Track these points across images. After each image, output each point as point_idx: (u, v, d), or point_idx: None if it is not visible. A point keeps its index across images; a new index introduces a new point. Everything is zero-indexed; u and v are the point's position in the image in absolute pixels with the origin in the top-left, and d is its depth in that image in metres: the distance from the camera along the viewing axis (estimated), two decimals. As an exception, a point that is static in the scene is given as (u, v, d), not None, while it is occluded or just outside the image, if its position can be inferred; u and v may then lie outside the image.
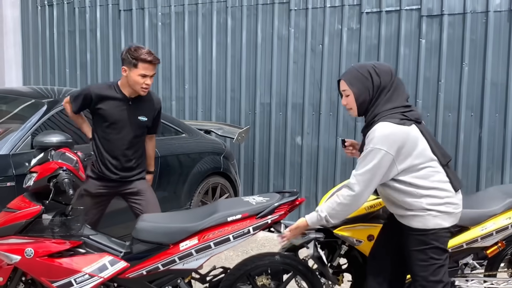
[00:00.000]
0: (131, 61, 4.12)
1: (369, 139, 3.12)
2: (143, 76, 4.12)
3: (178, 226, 3.43)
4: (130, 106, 4.26)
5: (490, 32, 5.97)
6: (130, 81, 4.16)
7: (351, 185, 3.20)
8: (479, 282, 4.23)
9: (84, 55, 8.62)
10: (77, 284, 3.29)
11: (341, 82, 3.32)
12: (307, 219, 3.34)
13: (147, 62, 4.11)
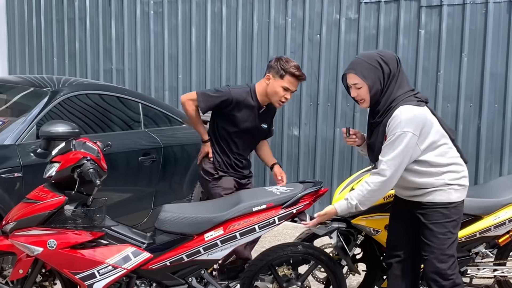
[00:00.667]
0: (279, 71, 4.08)
1: (395, 125, 3.18)
2: (286, 89, 4.09)
3: (203, 216, 3.39)
4: (260, 114, 4.25)
5: (490, 23, 6.00)
6: (271, 90, 4.12)
7: (382, 171, 3.23)
8: (490, 270, 4.27)
9: (73, 44, 8.46)
10: (100, 276, 3.23)
11: (350, 75, 3.33)
12: (337, 207, 3.35)
13: (295, 76, 4.07)
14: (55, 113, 4.67)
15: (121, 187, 5.03)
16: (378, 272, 4.17)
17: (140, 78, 7.98)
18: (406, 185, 3.38)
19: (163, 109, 5.76)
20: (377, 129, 3.33)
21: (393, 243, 3.59)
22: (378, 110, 3.31)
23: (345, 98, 6.73)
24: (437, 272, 3.34)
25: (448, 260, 3.35)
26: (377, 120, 3.32)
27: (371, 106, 3.37)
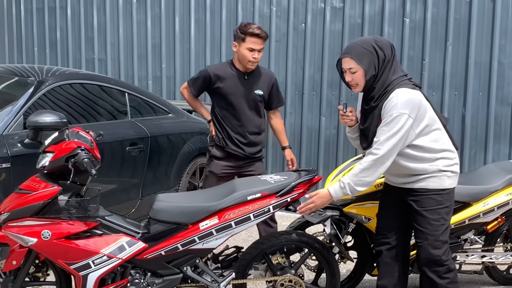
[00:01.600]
0: (240, 36, 4.33)
1: (390, 107, 3.21)
2: (251, 50, 4.29)
3: (198, 205, 3.37)
4: (246, 80, 4.44)
5: (474, 11, 6.05)
6: (240, 56, 4.36)
7: (375, 149, 3.24)
8: (478, 256, 4.34)
9: (54, 33, 8.35)
10: (95, 266, 3.21)
11: (346, 60, 3.34)
12: (330, 191, 3.33)
13: (255, 35, 4.29)
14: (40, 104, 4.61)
15: (109, 178, 4.98)
16: (369, 259, 4.21)
17: (123, 67, 7.91)
18: (399, 171, 3.40)
19: (149, 99, 5.71)
20: (372, 114, 3.34)
21: (382, 231, 3.62)
22: (373, 96, 3.32)
23: (330, 87, 6.75)
24: (431, 258, 3.37)
25: (442, 246, 3.38)
26: (372, 105, 3.33)
27: (365, 92, 3.38)
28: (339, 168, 4.22)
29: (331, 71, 6.73)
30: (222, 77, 4.42)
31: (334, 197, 3.33)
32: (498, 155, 6.05)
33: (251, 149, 4.51)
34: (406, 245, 3.64)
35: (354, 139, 3.62)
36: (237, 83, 4.42)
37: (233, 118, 4.46)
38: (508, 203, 4.20)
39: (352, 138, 3.65)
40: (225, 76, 4.42)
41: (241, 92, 4.42)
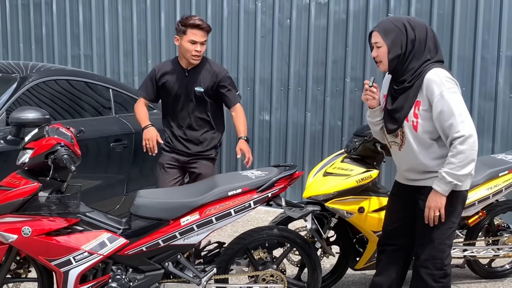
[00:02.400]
0: (180, 29, 4.19)
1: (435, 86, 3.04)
2: (193, 42, 4.15)
3: (179, 201, 3.38)
4: (187, 77, 4.30)
5: (457, 7, 6.08)
6: (182, 49, 4.21)
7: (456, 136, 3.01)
8: (460, 250, 4.38)
9: (39, 29, 8.31)
10: (76, 262, 3.21)
11: (374, 34, 3.19)
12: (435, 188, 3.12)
13: (195, 27, 4.13)
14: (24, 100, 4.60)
15: (93, 174, 4.99)
16: (351, 254, 4.24)
17: (109, 63, 7.89)
18: (416, 166, 3.24)
19: (134, 95, 5.70)
20: (405, 94, 3.16)
21: (390, 233, 3.51)
22: (405, 78, 3.15)
23: (315, 83, 6.77)
24: (432, 260, 3.27)
25: (447, 249, 3.29)
26: (406, 86, 3.15)
27: (395, 73, 3.21)
28: (320, 164, 4.25)
29: (316, 67, 6.75)
30: (165, 72, 4.34)
31: (442, 192, 3.11)
32: (481, 150, 6.07)
33: (195, 147, 4.37)
34: (411, 249, 3.55)
35: (375, 123, 3.41)
36: (179, 79, 4.30)
37: (175, 115, 4.36)
38: (489, 198, 4.24)
39: (372, 122, 3.42)
40: (169, 72, 4.33)
41: (182, 89, 4.30)
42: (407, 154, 3.25)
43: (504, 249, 4.49)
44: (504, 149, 5.92)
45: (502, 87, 6.00)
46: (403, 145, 3.25)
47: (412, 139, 3.18)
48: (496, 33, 5.97)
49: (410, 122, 3.16)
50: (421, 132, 3.15)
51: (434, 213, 3.17)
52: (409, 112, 3.15)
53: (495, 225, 4.54)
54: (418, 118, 3.13)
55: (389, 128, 3.28)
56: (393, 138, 3.32)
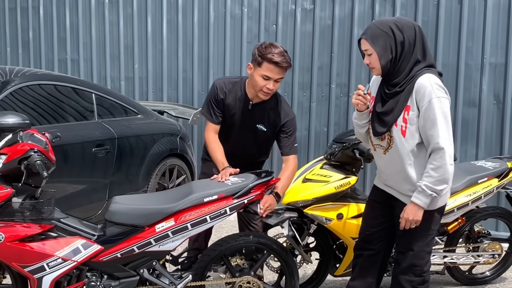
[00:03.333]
0: (256, 58, 3.62)
1: (425, 92, 3.02)
2: (265, 78, 3.62)
3: (154, 207, 3.37)
4: (250, 110, 3.82)
5: (442, 14, 6.11)
6: (252, 80, 3.69)
7: (437, 146, 3.03)
8: (439, 257, 4.39)
9: (27, 33, 8.29)
10: (50, 269, 3.19)
11: (362, 41, 3.17)
12: (414, 200, 3.13)
13: (273, 63, 3.56)
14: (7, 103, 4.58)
15: (75, 179, 4.96)
16: (331, 260, 4.24)
17: (96, 68, 7.87)
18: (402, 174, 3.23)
19: (117, 100, 5.69)
20: (395, 98, 3.14)
21: (368, 238, 3.52)
22: (397, 81, 3.13)
23: (301, 89, 6.78)
24: (412, 267, 3.29)
25: (426, 256, 3.31)
26: (397, 90, 3.13)
27: (386, 76, 3.19)
28: (300, 170, 4.24)
29: (302, 72, 6.76)
30: (228, 94, 3.83)
31: (421, 204, 3.11)
32: (465, 156, 6.10)
33: None
34: (388, 253, 3.60)
35: (361, 126, 3.37)
36: (240, 106, 3.82)
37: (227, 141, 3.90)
38: (468, 204, 4.25)
39: (359, 125, 3.38)
40: (231, 94, 3.83)
41: (240, 118, 3.83)
42: (392, 159, 3.25)
43: (484, 256, 4.49)
44: (488, 155, 5.93)
45: (486, 94, 6.02)
46: (389, 149, 3.24)
47: (400, 144, 3.17)
48: (480, 40, 5.99)
49: (399, 126, 3.14)
50: (409, 137, 3.14)
51: (410, 225, 3.18)
52: (399, 117, 3.14)
53: (476, 232, 4.55)
54: (407, 123, 3.12)
55: (377, 131, 3.25)
56: (378, 141, 3.31)
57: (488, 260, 4.51)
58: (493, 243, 4.54)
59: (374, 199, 3.53)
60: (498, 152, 6.00)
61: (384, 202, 3.43)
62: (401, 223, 3.20)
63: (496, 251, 4.52)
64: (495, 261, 4.57)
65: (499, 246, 4.54)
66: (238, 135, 3.91)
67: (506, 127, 5.97)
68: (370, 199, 3.59)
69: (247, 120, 3.84)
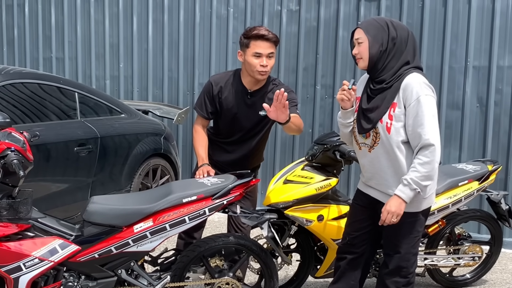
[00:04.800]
0: (243, 41, 3.68)
1: (413, 90, 3.06)
2: (257, 56, 3.63)
3: (132, 208, 3.35)
4: (249, 99, 3.83)
5: (426, 16, 6.13)
6: (246, 65, 3.71)
7: (426, 142, 3.05)
8: (420, 259, 4.38)
9: (11, 31, 8.23)
10: (27, 269, 3.16)
11: (357, 30, 3.22)
12: (398, 193, 3.13)
13: (259, 38, 3.61)
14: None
15: (56, 178, 4.93)
16: (312, 261, 4.23)
17: (81, 66, 7.83)
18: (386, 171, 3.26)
19: (101, 99, 5.66)
20: (382, 95, 3.17)
21: (352, 241, 3.52)
22: (384, 78, 3.15)
23: (286, 89, 6.77)
24: (399, 269, 3.32)
25: (412, 258, 3.34)
26: (384, 86, 3.16)
27: (373, 72, 3.21)
28: (281, 171, 4.23)
29: (287, 73, 6.76)
30: (224, 87, 3.84)
31: (405, 198, 3.11)
32: (448, 159, 6.12)
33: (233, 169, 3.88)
34: (371, 256, 3.62)
35: (346, 125, 3.39)
36: (237, 97, 3.83)
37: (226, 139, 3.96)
38: (449, 207, 4.27)
39: (344, 124, 3.40)
40: (227, 87, 3.84)
41: (241, 113, 3.83)
42: (377, 157, 3.26)
43: (465, 258, 4.51)
44: (471, 158, 5.96)
45: (469, 97, 6.05)
46: (374, 146, 3.25)
47: (385, 141, 3.19)
48: (464, 43, 6.02)
49: (384, 123, 3.16)
50: (393, 134, 3.16)
51: (391, 218, 3.17)
52: (385, 113, 3.16)
53: (456, 234, 4.57)
54: (393, 120, 3.14)
55: (363, 127, 3.25)
56: (363, 139, 3.32)
57: (469, 263, 4.53)
58: (473, 245, 4.56)
59: (358, 203, 3.54)
60: (481, 155, 6.04)
61: (368, 205, 3.44)
62: (382, 215, 3.19)
63: (476, 253, 4.54)
64: (475, 264, 4.58)
65: (480, 249, 4.57)
66: (241, 127, 3.90)
67: (489, 130, 6.00)
68: (354, 203, 3.59)
69: (248, 110, 3.83)
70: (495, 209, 4.64)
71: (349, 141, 3.53)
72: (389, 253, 3.37)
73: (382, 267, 3.44)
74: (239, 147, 3.99)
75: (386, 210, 3.17)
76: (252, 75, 3.74)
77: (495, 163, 4.60)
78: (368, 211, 3.45)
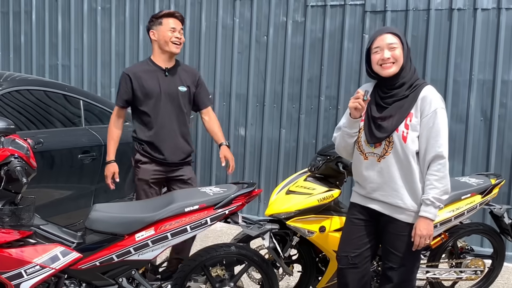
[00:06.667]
0: (155, 22, 4.16)
1: (430, 101, 3.13)
2: (172, 30, 4.12)
3: (134, 216, 3.36)
4: (167, 77, 4.20)
5: (431, 29, 6.14)
6: (161, 41, 4.14)
7: (440, 153, 3.13)
8: (422, 272, 4.38)
9: (18, 38, 8.29)
10: (28, 276, 3.17)
11: (387, 36, 3.17)
12: (424, 215, 3.16)
13: (170, 15, 4.14)
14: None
15: (60, 185, 4.96)
16: (313, 272, 4.23)
17: (86, 74, 7.87)
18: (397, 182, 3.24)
19: (106, 107, 5.69)
20: (398, 103, 3.18)
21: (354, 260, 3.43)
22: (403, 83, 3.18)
23: (290, 100, 6.79)
24: (404, 283, 3.31)
25: (415, 271, 3.34)
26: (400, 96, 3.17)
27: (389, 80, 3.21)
28: (284, 182, 4.24)
29: (292, 84, 6.78)
30: (140, 75, 4.17)
31: (432, 217, 3.15)
32: (452, 172, 6.05)
33: (176, 156, 4.27)
34: (369, 267, 3.56)
35: (351, 135, 3.34)
36: (155, 78, 4.17)
37: (154, 119, 4.19)
38: (451, 220, 4.24)
39: (349, 133, 3.33)
40: (143, 74, 4.17)
41: (162, 88, 4.16)
42: (388, 166, 3.23)
43: (467, 272, 4.49)
44: (474, 171, 5.95)
45: (473, 110, 6.05)
46: (386, 156, 3.22)
47: (400, 150, 3.18)
48: (468, 57, 6.03)
49: (400, 132, 3.16)
50: (410, 143, 3.16)
51: (425, 241, 3.18)
52: (402, 123, 3.17)
53: (459, 248, 4.55)
54: (409, 129, 3.16)
55: (376, 137, 3.22)
56: (370, 149, 3.28)
57: (471, 276, 4.51)
58: (475, 259, 4.54)
59: (357, 217, 3.45)
60: (484, 168, 6.03)
61: (369, 220, 3.40)
62: (415, 240, 3.18)
63: (478, 267, 4.52)
64: (477, 278, 4.56)
65: (482, 263, 4.55)
66: (165, 106, 4.18)
67: (493, 144, 5.99)
68: (351, 218, 3.49)
69: (169, 87, 4.19)
70: (498, 223, 4.62)
71: (348, 153, 3.46)
72: (392, 267, 3.31)
73: (384, 282, 3.39)
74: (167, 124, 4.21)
75: (417, 235, 3.17)
76: (168, 49, 4.15)
77: (498, 177, 4.60)
78: (369, 227, 3.40)
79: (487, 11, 5.94)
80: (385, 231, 3.32)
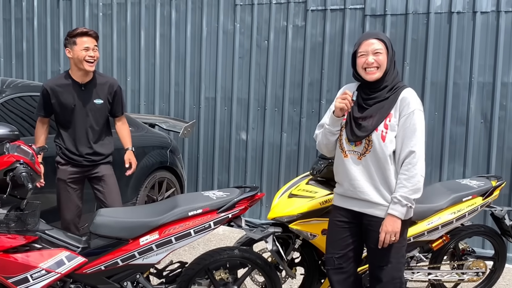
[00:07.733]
0: (70, 41, 4.31)
1: (409, 102, 3.23)
2: (86, 49, 4.26)
3: (138, 220, 3.39)
4: (83, 91, 4.37)
5: (431, 33, 6.17)
6: (76, 59, 4.28)
7: (412, 152, 3.21)
8: (424, 274, 4.40)
9: (20, 44, 8.34)
10: (34, 280, 3.21)
11: (373, 41, 3.26)
12: (391, 212, 3.24)
13: (84, 34, 4.28)
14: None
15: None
16: (316, 275, 4.25)
17: (88, 80, 7.90)
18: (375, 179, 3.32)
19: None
20: (379, 104, 3.27)
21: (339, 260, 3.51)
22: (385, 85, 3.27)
23: (291, 104, 6.83)
24: (393, 280, 3.37)
25: (402, 268, 3.42)
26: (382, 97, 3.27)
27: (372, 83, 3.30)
28: (286, 186, 4.27)
29: (293, 88, 6.81)
30: (57, 89, 4.35)
31: (398, 215, 3.22)
32: (453, 174, 6.15)
33: (94, 157, 4.51)
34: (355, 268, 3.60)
35: (333, 133, 3.43)
36: (72, 93, 4.35)
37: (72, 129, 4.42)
38: (453, 222, 4.28)
39: (332, 131, 3.42)
40: (60, 88, 4.36)
41: (77, 102, 4.36)
42: (368, 164, 3.32)
43: (469, 273, 4.51)
44: (475, 173, 5.98)
45: (473, 113, 6.08)
46: (366, 154, 3.31)
47: (379, 149, 3.27)
48: (468, 59, 6.06)
49: (380, 131, 3.26)
50: (388, 142, 3.26)
51: (390, 238, 3.24)
52: (381, 122, 3.26)
53: (460, 250, 4.58)
54: (388, 129, 3.25)
55: (356, 135, 3.31)
56: (351, 147, 3.36)
57: (472, 278, 4.53)
58: (477, 261, 4.56)
59: (339, 219, 3.51)
60: (485, 170, 6.05)
61: (352, 220, 3.46)
62: (381, 236, 3.26)
63: (480, 269, 4.55)
64: (479, 279, 4.58)
65: (483, 264, 4.57)
66: (80, 118, 4.39)
67: (493, 146, 6.02)
68: (334, 221, 3.55)
69: (85, 101, 4.37)
70: (499, 224, 4.65)
71: (329, 151, 3.55)
72: (380, 265, 3.39)
73: (373, 282, 3.46)
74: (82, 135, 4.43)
75: (383, 231, 3.26)
76: (82, 67, 4.29)
77: (499, 179, 4.62)
78: (352, 228, 3.47)
79: (486, 14, 5.97)
80: (367, 231, 3.40)
